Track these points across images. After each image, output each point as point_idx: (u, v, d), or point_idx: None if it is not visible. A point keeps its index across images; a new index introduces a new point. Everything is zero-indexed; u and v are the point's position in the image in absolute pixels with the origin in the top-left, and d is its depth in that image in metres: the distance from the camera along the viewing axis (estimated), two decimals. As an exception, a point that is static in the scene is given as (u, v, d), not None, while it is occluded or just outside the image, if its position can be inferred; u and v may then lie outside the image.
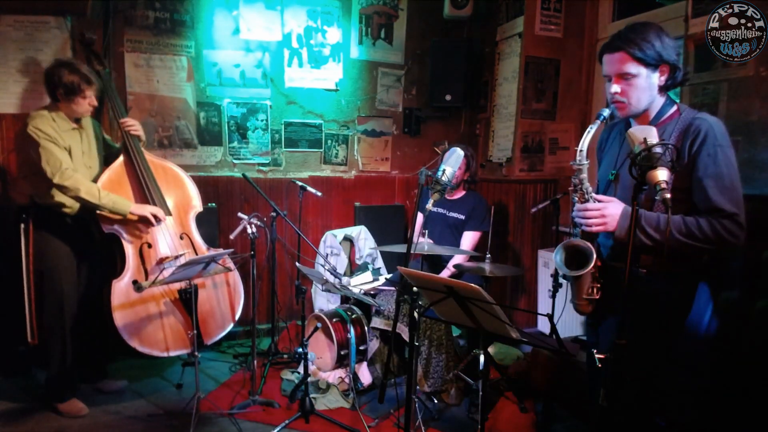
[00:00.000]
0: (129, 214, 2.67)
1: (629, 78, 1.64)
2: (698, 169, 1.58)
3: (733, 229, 1.52)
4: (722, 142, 1.57)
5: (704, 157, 1.56)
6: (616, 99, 1.67)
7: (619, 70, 1.65)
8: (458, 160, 2.12)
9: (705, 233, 1.53)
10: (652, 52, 1.61)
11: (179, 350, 2.81)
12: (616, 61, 1.65)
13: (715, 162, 1.55)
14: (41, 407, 2.76)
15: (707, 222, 1.54)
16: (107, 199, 2.61)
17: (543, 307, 3.57)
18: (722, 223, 1.52)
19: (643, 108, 1.69)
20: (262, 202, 3.57)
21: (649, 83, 1.65)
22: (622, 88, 1.66)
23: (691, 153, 1.59)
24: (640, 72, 1.63)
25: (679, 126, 1.64)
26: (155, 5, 3.49)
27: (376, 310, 3.09)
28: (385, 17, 4.12)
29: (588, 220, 1.64)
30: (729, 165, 1.56)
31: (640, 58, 1.61)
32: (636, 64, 1.62)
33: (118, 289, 2.68)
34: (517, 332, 1.69)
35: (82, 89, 2.58)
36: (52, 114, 2.60)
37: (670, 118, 1.68)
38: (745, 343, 2.04)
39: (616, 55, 1.65)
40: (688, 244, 1.55)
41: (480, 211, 3.31)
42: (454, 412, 2.88)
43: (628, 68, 1.63)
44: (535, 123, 3.78)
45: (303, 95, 3.96)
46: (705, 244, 1.54)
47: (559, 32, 3.69)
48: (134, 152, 2.84)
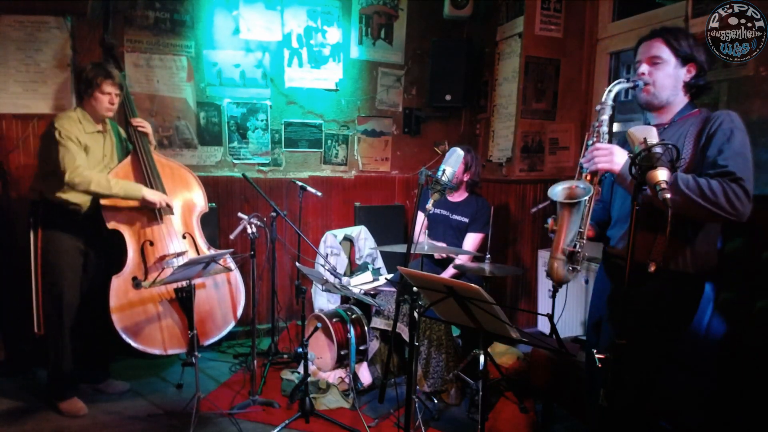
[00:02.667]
0: (143, 198, 2.71)
1: (659, 62, 1.73)
2: (712, 145, 1.62)
3: (741, 194, 1.52)
4: (738, 125, 1.63)
5: (719, 136, 1.62)
6: (643, 79, 1.74)
7: (652, 52, 1.74)
8: (458, 160, 2.13)
9: (714, 191, 1.52)
10: (685, 46, 1.72)
11: (176, 349, 2.81)
12: (651, 46, 1.75)
13: (729, 139, 1.60)
14: (42, 406, 2.77)
15: (717, 182, 1.54)
16: (118, 188, 2.65)
17: (543, 307, 3.57)
18: (731, 186, 1.53)
19: (665, 98, 1.75)
20: (262, 202, 3.57)
21: (676, 74, 1.74)
22: (649, 70, 1.74)
23: (708, 135, 1.64)
24: (670, 59, 1.73)
25: (699, 119, 1.71)
26: (155, 5, 3.49)
27: (376, 310, 3.09)
28: (385, 17, 4.12)
29: (596, 157, 1.66)
30: (743, 144, 1.60)
31: (674, 46, 1.72)
32: (669, 51, 1.72)
33: (116, 286, 2.69)
34: (517, 332, 1.68)
35: (98, 83, 2.63)
36: (78, 115, 2.69)
37: (692, 114, 1.75)
38: (745, 343, 2.04)
39: (653, 42, 1.75)
40: (697, 204, 1.53)
41: (483, 214, 3.31)
42: (454, 412, 2.88)
43: (661, 52, 1.73)
44: (535, 123, 3.77)
45: (303, 95, 3.96)
46: (713, 206, 1.52)
47: (559, 32, 3.69)
48: (142, 151, 2.87)
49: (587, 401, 2.01)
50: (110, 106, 2.71)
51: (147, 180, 2.83)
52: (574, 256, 1.66)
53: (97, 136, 2.76)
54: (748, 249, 2.12)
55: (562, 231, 1.67)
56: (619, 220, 1.88)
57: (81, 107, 2.73)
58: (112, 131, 2.89)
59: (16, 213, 3.18)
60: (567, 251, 1.66)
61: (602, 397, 1.43)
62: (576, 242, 1.66)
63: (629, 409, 1.72)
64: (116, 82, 2.69)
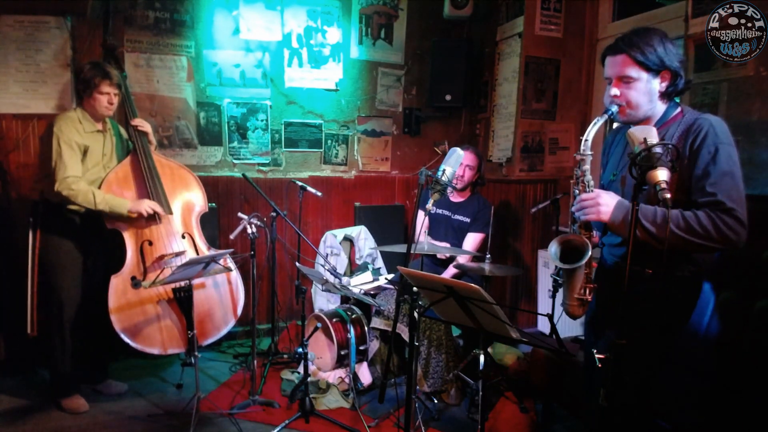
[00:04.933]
0: (128, 212, 2.69)
1: (629, 81, 1.64)
2: (698, 166, 1.56)
3: (733, 224, 1.48)
4: (723, 139, 1.55)
5: (704, 154, 1.55)
6: (615, 102, 1.67)
7: (620, 72, 1.65)
8: (458, 160, 2.12)
9: (704, 227, 1.48)
10: (654, 57, 1.60)
11: (175, 349, 2.80)
12: (617, 64, 1.65)
13: (714, 158, 1.53)
14: (44, 405, 2.77)
15: (706, 215, 1.50)
16: (104, 204, 2.64)
17: (543, 307, 3.57)
18: (721, 218, 1.48)
19: (643, 114, 1.68)
20: (262, 202, 3.57)
21: (649, 89, 1.64)
22: (621, 91, 1.66)
23: (692, 150, 1.57)
24: (640, 76, 1.63)
25: (681, 126, 1.64)
26: (155, 5, 3.49)
27: (376, 310, 3.09)
28: (385, 17, 4.12)
29: (584, 209, 1.64)
30: (730, 162, 1.54)
31: (641, 62, 1.61)
32: (637, 68, 1.62)
33: (114, 286, 2.69)
34: (517, 332, 1.68)
35: (96, 83, 2.63)
36: (78, 115, 2.70)
37: (674, 119, 1.68)
38: (745, 343, 2.04)
39: (618, 58, 1.65)
40: (688, 241, 1.51)
41: (485, 215, 3.30)
42: (454, 412, 2.88)
43: (629, 71, 1.62)
44: (535, 123, 3.78)
45: (303, 95, 3.96)
46: (705, 240, 1.49)
47: (559, 32, 3.69)
48: (141, 151, 2.86)
49: (584, 401, 2.01)
50: (109, 106, 2.71)
51: (146, 180, 2.83)
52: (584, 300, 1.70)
53: (97, 135, 2.77)
54: (748, 249, 2.11)
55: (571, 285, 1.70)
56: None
57: (81, 107, 2.74)
58: (113, 130, 2.89)
59: (16, 213, 3.18)
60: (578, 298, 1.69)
61: (602, 397, 1.43)
62: (585, 288, 1.68)
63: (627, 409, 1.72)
64: (114, 82, 2.68)
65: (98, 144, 2.77)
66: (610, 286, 1.85)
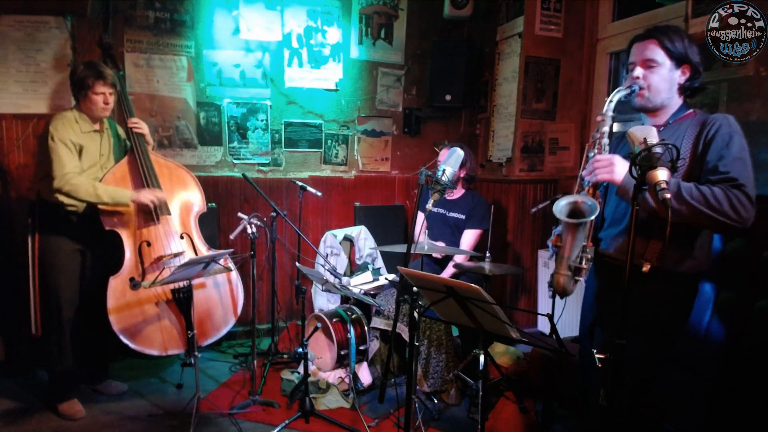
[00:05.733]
0: (131, 202, 2.69)
1: (653, 66, 1.71)
2: (711, 151, 1.61)
3: (744, 201, 1.51)
4: (736, 129, 1.62)
5: (719, 141, 1.61)
6: (638, 83, 1.72)
7: (646, 55, 1.72)
8: (458, 160, 2.13)
9: (718, 199, 1.51)
10: (680, 46, 1.69)
11: (175, 350, 2.80)
12: (644, 48, 1.73)
13: (728, 144, 1.59)
14: (42, 406, 2.77)
15: (720, 189, 1.53)
16: (106, 196, 2.64)
17: (543, 307, 3.57)
18: (734, 193, 1.51)
19: (660, 101, 1.74)
20: (262, 202, 3.57)
21: (671, 77, 1.72)
22: (644, 74, 1.72)
23: (706, 141, 1.63)
24: (664, 62, 1.71)
25: (695, 122, 1.70)
26: (155, 5, 3.49)
27: (376, 310, 3.09)
28: (385, 17, 4.12)
29: (597, 168, 1.64)
30: (743, 151, 1.60)
31: (667, 48, 1.69)
32: (663, 53, 1.70)
33: (113, 287, 2.68)
34: (516, 332, 1.68)
35: (90, 84, 2.61)
36: (75, 114, 2.69)
37: (687, 116, 1.74)
38: (745, 343, 2.04)
39: (646, 43, 1.73)
40: (700, 212, 1.52)
41: (480, 210, 3.30)
42: (454, 412, 2.88)
43: (655, 55, 1.70)
44: (535, 123, 3.78)
45: (303, 95, 3.96)
46: (717, 213, 1.51)
47: (559, 32, 3.69)
48: (138, 151, 2.85)
49: (581, 401, 2.01)
50: (105, 106, 2.69)
51: (144, 180, 2.82)
52: (579, 271, 1.64)
53: (94, 135, 2.75)
54: (748, 249, 2.12)
55: (567, 247, 1.64)
56: (613, 221, 1.86)
57: (78, 107, 2.72)
58: (111, 130, 2.89)
59: (15, 213, 3.18)
60: (573, 267, 1.64)
61: (602, 396, 1.43)
62: (581, 257, 1.64)
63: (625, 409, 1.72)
64: (108, 82, 2.66)
65: (95, 144, 2.75)
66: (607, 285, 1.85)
